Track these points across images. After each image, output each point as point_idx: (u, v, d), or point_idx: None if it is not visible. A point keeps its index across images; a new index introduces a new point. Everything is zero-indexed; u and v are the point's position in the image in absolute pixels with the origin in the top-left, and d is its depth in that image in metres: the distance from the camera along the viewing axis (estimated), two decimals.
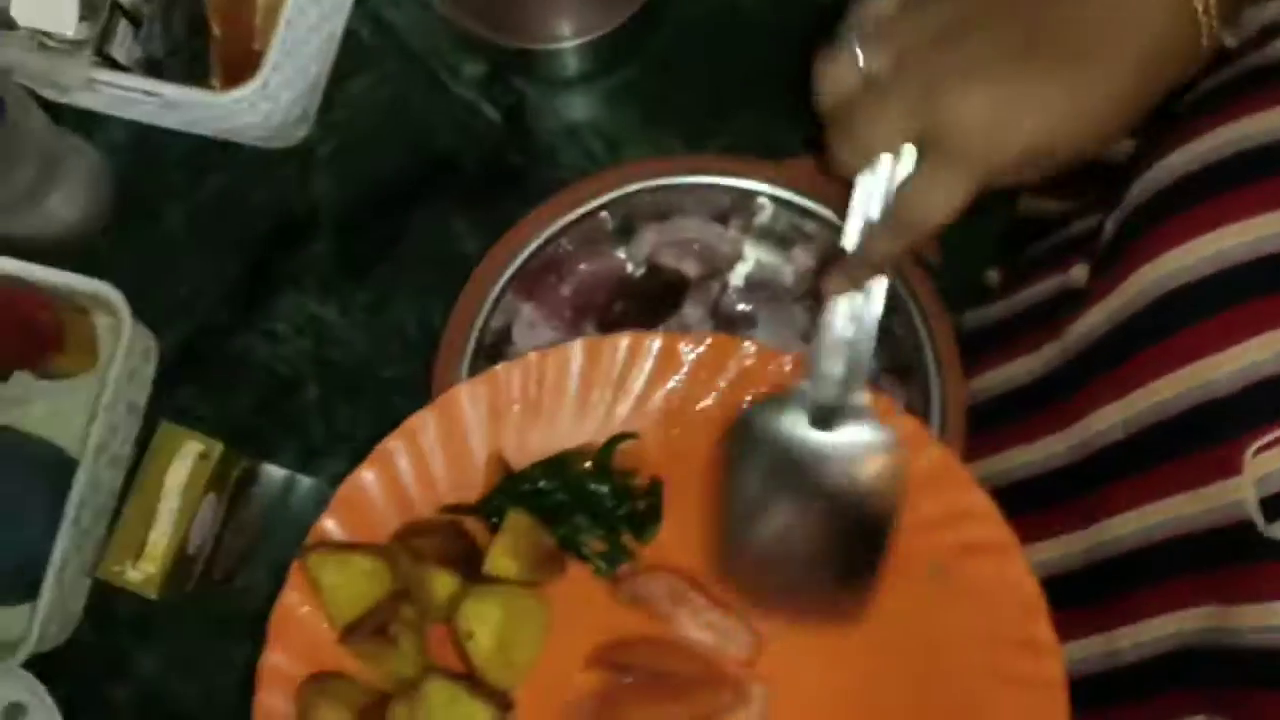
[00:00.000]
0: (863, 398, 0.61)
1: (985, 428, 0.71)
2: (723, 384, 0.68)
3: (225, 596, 0.82)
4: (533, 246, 0.76)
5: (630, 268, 0.82)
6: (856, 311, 0.60)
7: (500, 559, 0.64)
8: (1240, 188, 0.56)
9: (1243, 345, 0.55)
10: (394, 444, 0.67)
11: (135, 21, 0.80)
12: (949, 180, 0.53)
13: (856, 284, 0.60)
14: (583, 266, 0.82)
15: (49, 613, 0.77)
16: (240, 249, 0.87)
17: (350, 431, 0.85)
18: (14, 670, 0.76)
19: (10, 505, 0.78)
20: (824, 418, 0.62)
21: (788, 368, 0.67)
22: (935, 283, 0.75)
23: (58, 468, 0.81)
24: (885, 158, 0.55)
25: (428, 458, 0.67)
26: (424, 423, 0.67)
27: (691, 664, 0.67)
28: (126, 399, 0.81)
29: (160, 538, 0.72)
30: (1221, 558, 0.57)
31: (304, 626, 0.65)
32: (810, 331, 0.78)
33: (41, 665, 0.78)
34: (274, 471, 0.83)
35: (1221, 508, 0.57)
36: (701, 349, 0.68)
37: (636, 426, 0.69)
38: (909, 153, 0.55)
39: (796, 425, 0.62)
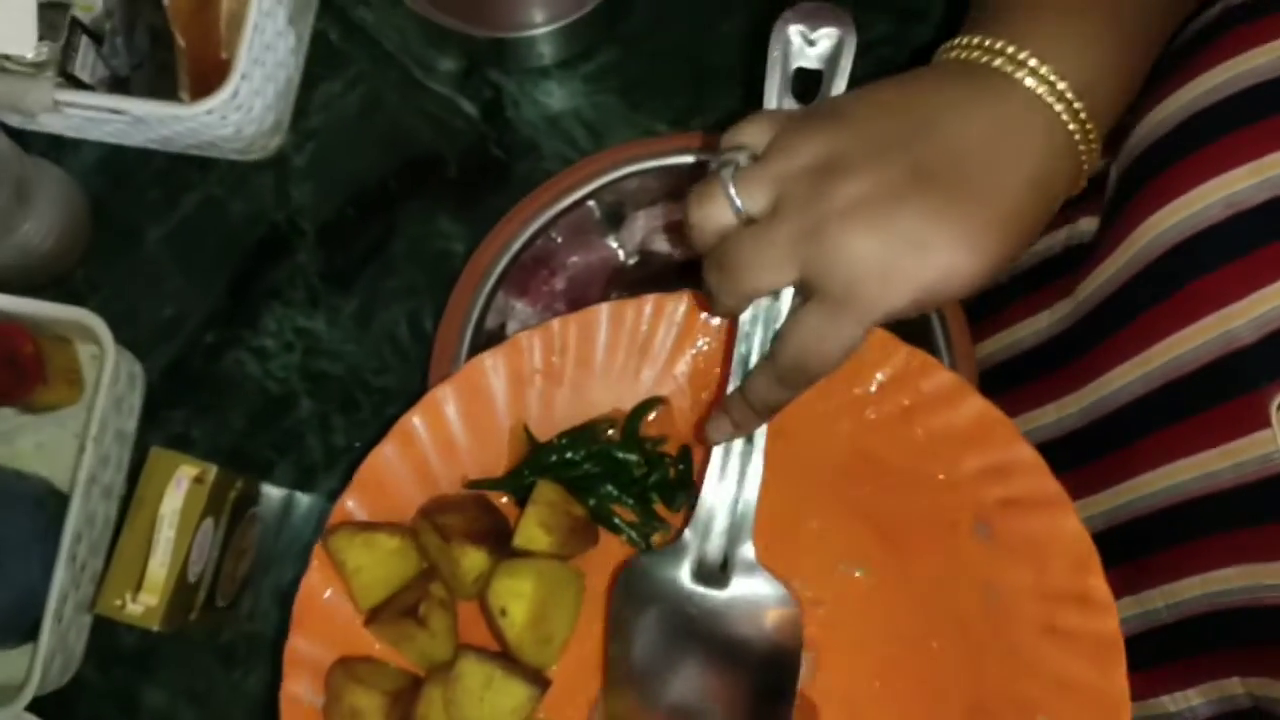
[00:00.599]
0: (750, 551, 0.58)
1: (994, 393, 0.69)
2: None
3: (230, 623, 0.80)
4: (520, 242, 0.74)
5: (623, 256, 0.80)
6: (741, 461, 0.57)
7: (531, 531, 0.61)
8: (1245, 128, 0.54)
9: (1262, 291, 0.53)
10: (416, 418, 0.64)
11: (97, 38, 0.78)
12: (837, 325, 0.49)
13: (742, 431, 0.56)
14: (574, 259, 0.80)
15: (50, 653, 0.74)
16: (222, 266, 0.85)
17: (347, 445, 0.83)
18: (19, 716, 0.74)
19: (2, 545, 0.76)
20: (710, 573, 0.59)
21: None
22: None
23: (50, 503, 0.79)
24: (765, 301, 0.53)
25: (451, 431, 0.65)
26: (446, 395, 0.65)
27: None
28: (115, 427, 0.79)
29: (159, 567, 0.69)
30: (1255, 514, 0.55)
31: (329, 610, 0.62)
32: None
33: (46, 708, 0.76)
34: (272, 491, 0.80)
35: (1250, 461, 0.55)
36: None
37: (663, 391, 0.67)
38: (790, 293, 0.52)
39: (682, 581, 0.59)
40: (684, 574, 0.59)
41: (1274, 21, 0.55)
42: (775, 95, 0.55)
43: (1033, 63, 0.50)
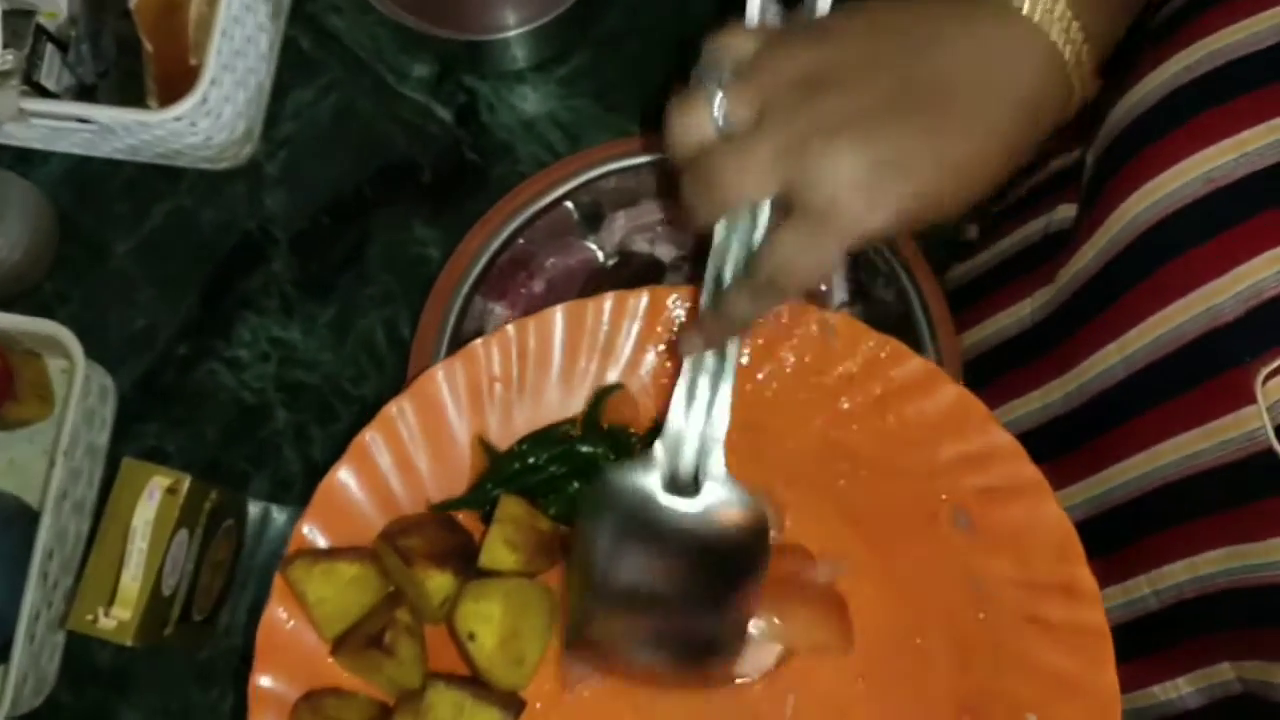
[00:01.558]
0: (720, 463, 0.57)
1: (979, 383, 0.68)
2: None
3: (208, 640, 0.78)
4: (496, 245, 0.73)
5: (602, 257, 0.79)
6: (712, 373, 0.57)
7: (497, 551, 0.60)
8: (1222, 105, 0.54)
9: (1245, 265, 0.53)
10: (370, 435, 0.62)
11: (62, 45, 0.77)
12: (817, 242, 0.48)
13: (712, 343, 0.56)
14: (552, 261, 0.79)
15: (22, 674, 0.73)
16: (194, 276, 0.84)
17: (324, 458, 0.81)
18: None
19: None
20: (682, 486, 0.58)
21: (780, 313, 0.63)
22: (919, 242, 0.73)
23: (20, 520, 0.77)
24: (741, 215, 0.52)
25: (408, 447, 0.63)
26: (400, 410, 0.63)
27: None
28: (86, 442, 0.77)
29: (132, 580, 0.68)
30: (1241, 493, 0.55)
31: (292, 643, 0.60)
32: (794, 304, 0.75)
33: None
34: (247, 503, 0.79)
35: (1236, 439, 0.54)
36: (690, 302, 0.64)
37: (631, 389, 0.65)
38: (768, 208, 0.51)
39: (652, 491, 0.58)
40: (654, 485, 0.58)
41: (1239, 3, 0.55)
42: (758, 6, 0.53)
43: None
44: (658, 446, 0.58)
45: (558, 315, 0.64)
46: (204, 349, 0.83)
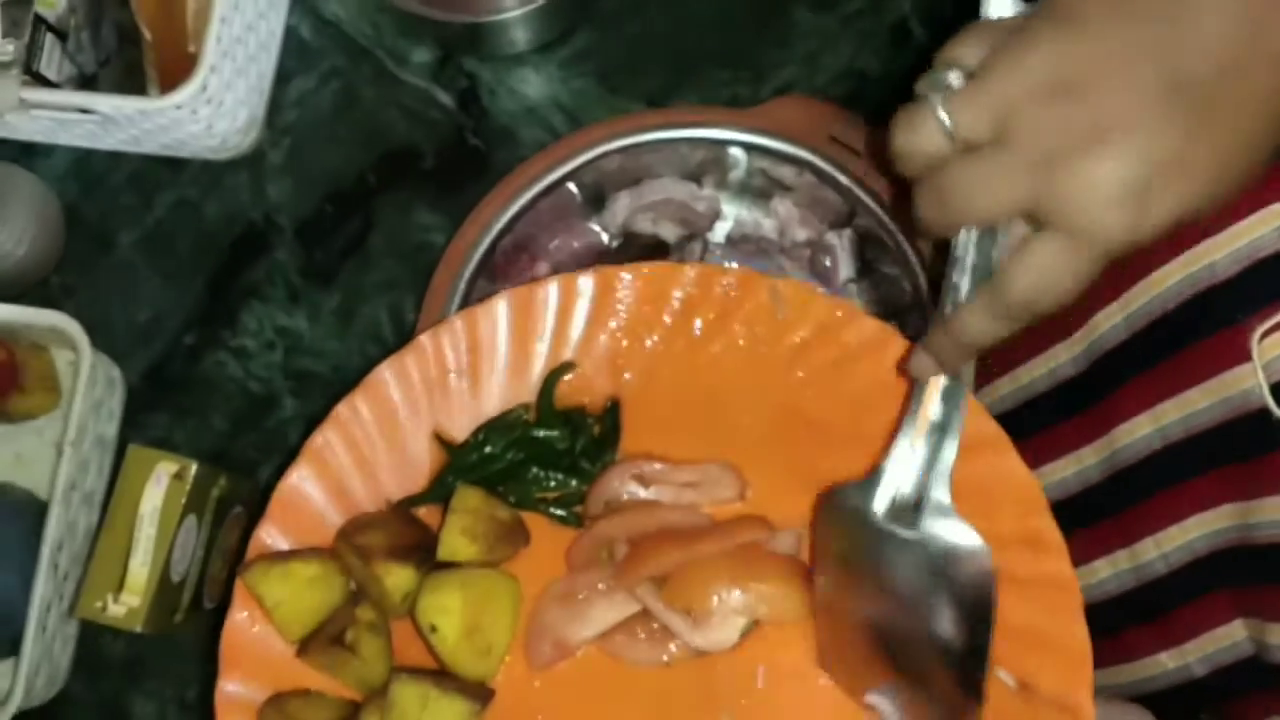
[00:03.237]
0: (945, 494, 0.53)
1: (989, 350, 0.68)
2: (668, 318, 0.64)
3: (219, 627, 0.78)
4: (499, 227, 0.73)
5: (606, 239, 0.79)
6: (944, 397, 0.53)
7: (455, 542, 0.60)
8: None
9: (1242, 223, 0.53)
10: (323, 437, 0.62)
11: (61, 35, 0.77)
12: (1074, 259, 0.43)
13: (946, 367, 0.51)
14: (556, 243, 0.79)
15: (34, 666, 0.73)
16: (200, 267, 0.84)
17: None
18: None
19: None
20: (901, 511, 0.55)
21: (731, 284, 0.62)
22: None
23: (29, 512, 0.77)
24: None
25: (363, 446, 0.63)
26: (353, 409, 0.63)
27: (690, 516, 0.63)
28: (94, 433, 0.77)
29: (140, 567, 0.68)
30: (1239, 450, 0.55)
31: (257, 647, 0.60)
32: (802, 280, 0.75)
33: None
34: (256, 490, 0.78)
35: (1233, 397, 0.54)
36: (639, 281, 0.63)
37: (585, 370, 0.65)
38: (1018, 223, 0.46)
39: (873, 515, 0.55)
40: (876, 508, 0.55)
41: None
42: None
43: None
44: (884, 467, 0.55)
45: (502, 302, 0.63)
46: (210, 339, 0.83)
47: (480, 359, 0.64)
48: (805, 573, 0.61)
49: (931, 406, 0.53)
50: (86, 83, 0.79)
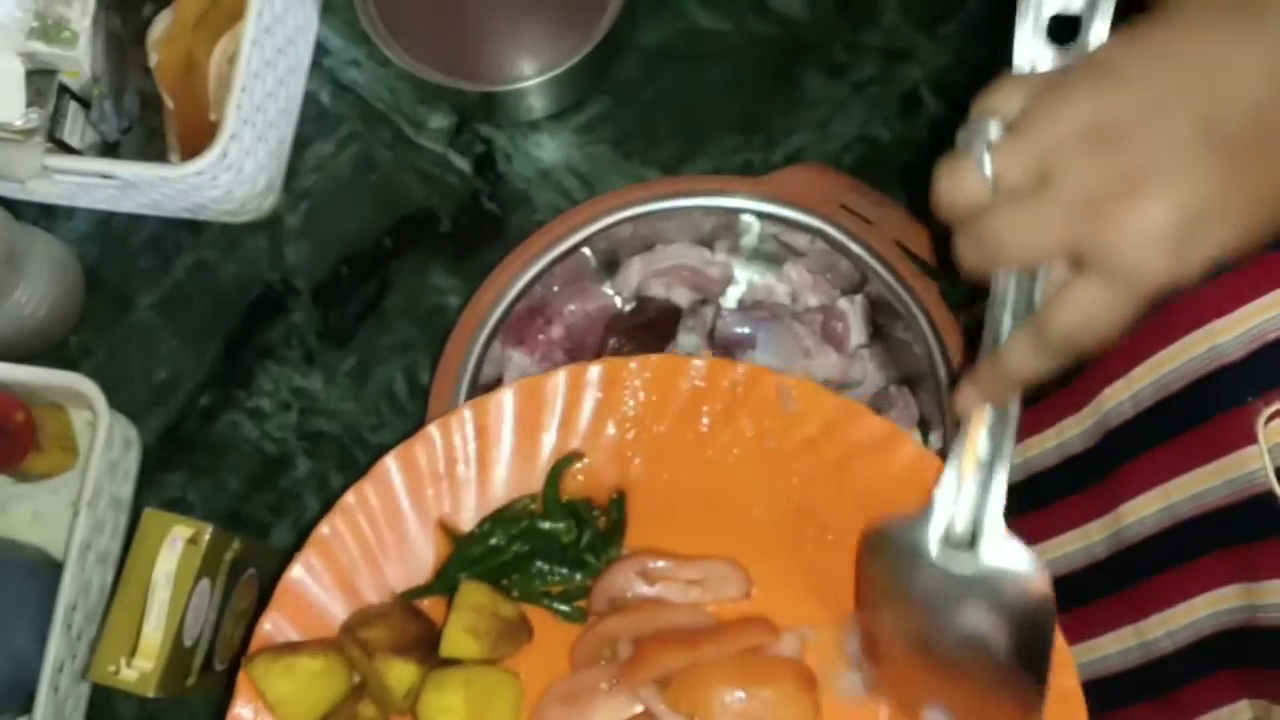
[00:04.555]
0: (999, 520, 0.54)
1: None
2: (676, 410, 0.64)
3: (230, 689, 0.78)
4: (515, 291, 0.74)
5: (619, 303, 0.80)
6: (991, 428, 0.54)
7: (457, 639, 0.60)
8: None
9: (1247, 307, 0.52)
10: (329, 527, 0.63)
11: (85, 103, 0.78)
12: (1114, 299, 0.45)
13: (992, 399, 0.53)
14: (571, 307, 0.80)
15: None
16: (217, 328, 0.85)
17: None
18: None
19: None
20: (958, 542, 0.55)
21: (739, 379, 0.63)
22: (939, 285, 0.73)
23: (45, 572, 0.77)
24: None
25: (368, 535, 0.63)
26: (360, 497, 0.63)
27: (695, 615, 0.63)
28: (110, 493, 0.78)
29: (154, 631, 0.68)
30: (1244, 532, 0.54)
31: None
32: (812, 346, 0.75)
33: None
34: (269, 551, 0.79)
35: (1239, 479, 0.54)
36: (647, 372, 0.64)
37: (591, 461, 0.65)
38: (1058, 262, 0.47)
39: (928, 548, 0.56)
40: (930, 541, 0.56)
41: None
42: (1027, 46, 0.50)
43: None
44: (936, 500, 0.56)
45: (509, 392, 0.64)
46: (226, 399, 0.84)
47: (488, 448, 0.64)
48: (810, 677, 0.61)
49: (979, 440, 0.54)
50: (109, 149, 0.81)
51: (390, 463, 0.63)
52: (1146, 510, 0.59)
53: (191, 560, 0.69)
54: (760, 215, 0.74)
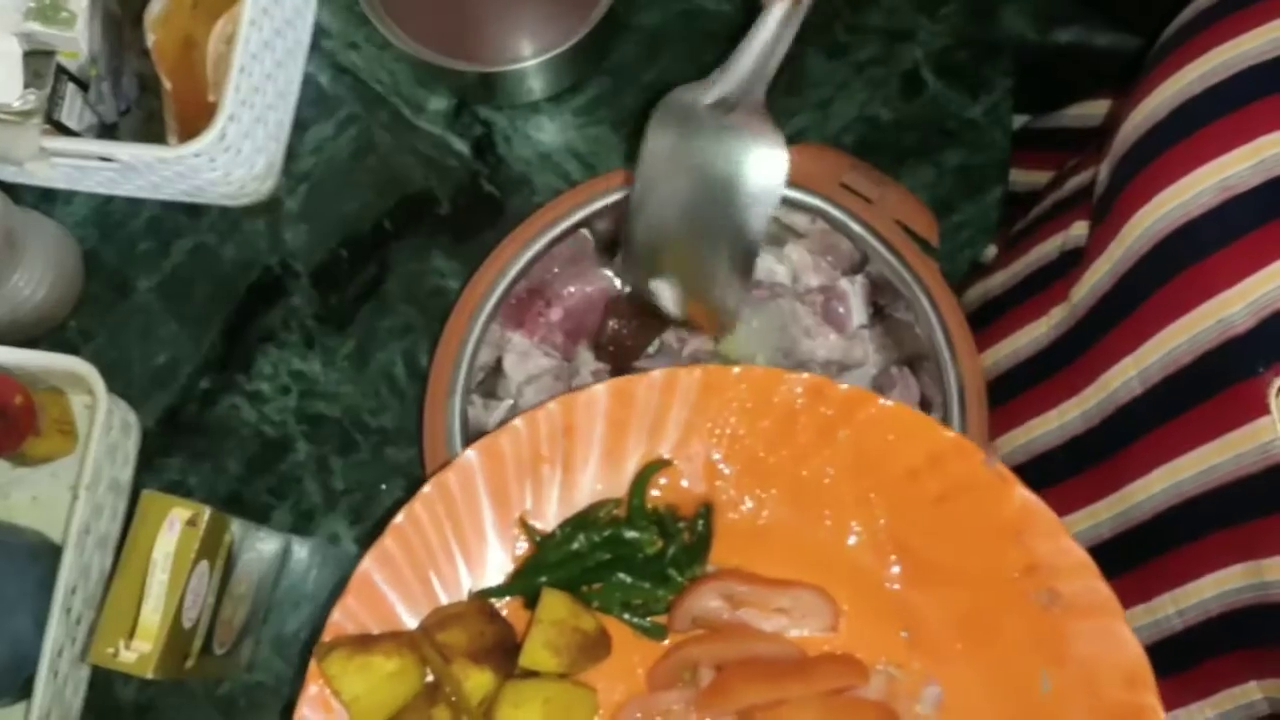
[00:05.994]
0: (761, 94, 0.61)
1: (999, 403, 0.67)
2: (772, 424, 0.62)
3: (231, 673, 0.78)
4: (513, 272, 0.73)
5: (619, 284, 0.79)
6: (784, 18, 0.61)
7: (537, 654, 0.59)
8: (1238, 110, 0.53)
9: (1256, 275, 0.52)
10: (405, 516, 0.62)
11: (83, 85, 0.78)
12: None
13: None
14: (570, 289, 0.79)
15: (45, 709, 0.72)
16: (216, 312, 0.84)
17: (346, 487, 0.81)
18: None
19: None
20: (724, 106, 0.62)
21: (841, 398, 0.61)
22: (939, 265, 0.72)
23: (44, 556, 0.77)
24: None
25: (445, 529, 0.62)
26: (440, 489, 0.62)
27: (780, 646, 0.62)
28: (109, 477, 0.78)
29: (152, 613, 0.67)
30: (1257, 506, 0.54)
31: None
32: (813, 326, 0.75)
33: None
34: (268, 535, 0.79)
35: (1251, 452, 0.53)
36: (746, 383, 0.62)
37: (679, 470, 0.63)
38: None
39: (699, 107, 0.62)
40: (704, 100, 0.62)
41: (1258, 9, 0.54)
42: None
43: None
44: (716, 72, 0.62)
45: (600, 391, 0.62)
46: (226, 383, 0.83)
47: (574, 447, 0.63)
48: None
49: (769, 25, 0.61)
50: (107, 131, 0.80)
51: (472, 455, 0.62)
52: (1153, 489, 0.58)
53: (190, 542, 0.68)
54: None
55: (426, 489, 0.62)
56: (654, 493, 0.64)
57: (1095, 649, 0.57)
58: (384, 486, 0.81)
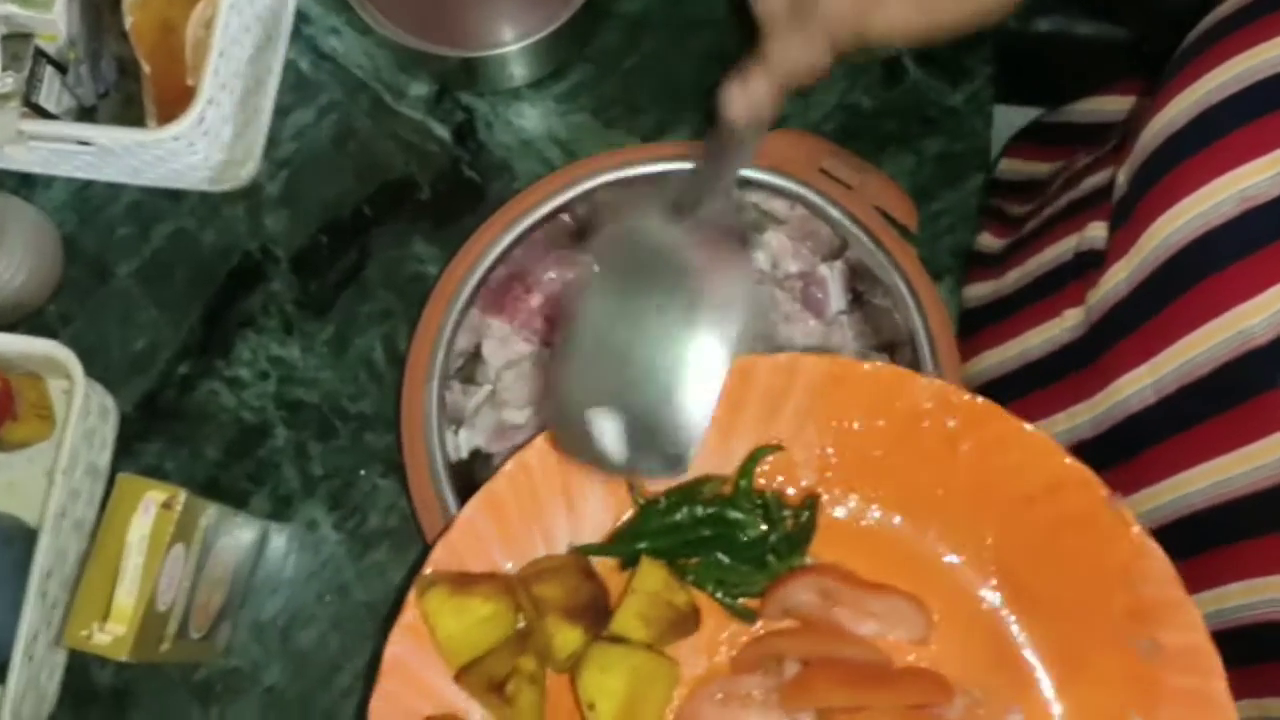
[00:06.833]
0: (721, 200, 0.59)
1: (1005, 403, 0.67)
2: (891, 425, 0.61)
3: (207, 658, 0.78)
4: (491, 258, 0.73)
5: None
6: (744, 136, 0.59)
7: (629, 622, 0.60)
8: (1258, 120, 0.52)
9: (1277, 287, 0.51)
10: (517, 464, 0.62)
11: (61, 68, 0.77)
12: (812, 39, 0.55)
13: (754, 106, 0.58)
14: (550, 275, 0.79)
15: (20, 693, 0.72)
16: (195, 297, 0.84)
17: (325, 473, 0.81)
18: None
19: None
20: (683, 209, 0.58)
21: (967, 408, 0.60)
22: (918, 251, 0.72)
23: (19, 540, 0.77)
24: None
25: (555, 480, 0.62)
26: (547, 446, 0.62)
27: (868, 651, 0.61)
28: (86, 461, 0.77)
29: (126, 596, 0.67)
30: (1271, 522, 0.53)
31: (416, 665, 0.61)
32: (792, 312, 0.75)
33: None
34: (246, 520, 0.78)
35: (1269, 465, 0.53)
36: (870, 380, 0.61)
37: (789, 456, 0.63)
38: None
39: (653, 217, 0.58)
40: (659, 208, 0.58)
41: (1275, 19, 0.53)
42: None
43: None
44: (672, 183, 0.61)
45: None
46: (205, 368, 0.83)
47: None
48: None
49: (723, 141, 0.59)
50: (85, 115, 0.80)
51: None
52: (1163, 499, 0.58)
53: (165, 525, 0.68)
54: (740, 181, 0.73)
55: (541, 439, 0.62)
56: (761, 476, 0.64)
57: (1189, 710, 0.55)
58: (362, 472, 0.81)
